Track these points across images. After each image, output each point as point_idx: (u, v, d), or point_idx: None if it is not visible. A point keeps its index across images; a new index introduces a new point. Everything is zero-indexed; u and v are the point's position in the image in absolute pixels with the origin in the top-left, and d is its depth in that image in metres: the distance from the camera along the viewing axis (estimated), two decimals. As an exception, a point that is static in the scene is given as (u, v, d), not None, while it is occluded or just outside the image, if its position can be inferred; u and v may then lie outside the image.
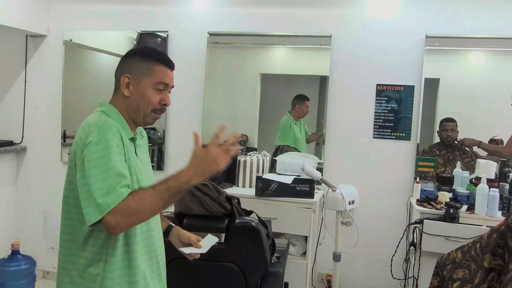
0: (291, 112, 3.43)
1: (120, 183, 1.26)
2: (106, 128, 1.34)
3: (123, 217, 1.24)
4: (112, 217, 1.22)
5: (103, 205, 1.22)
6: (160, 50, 1.54)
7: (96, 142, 1.30)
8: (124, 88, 1.46)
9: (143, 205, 1.25)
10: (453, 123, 3.12)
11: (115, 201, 1.23)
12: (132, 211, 1.24)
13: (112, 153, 1.30)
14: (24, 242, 3.64)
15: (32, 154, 3.77)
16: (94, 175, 1.26)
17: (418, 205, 2.81)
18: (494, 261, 1.81)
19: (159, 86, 1.46)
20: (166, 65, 1.49)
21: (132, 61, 1.47)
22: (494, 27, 2.99)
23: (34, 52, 3.70)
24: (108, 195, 1.23)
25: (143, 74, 1.45)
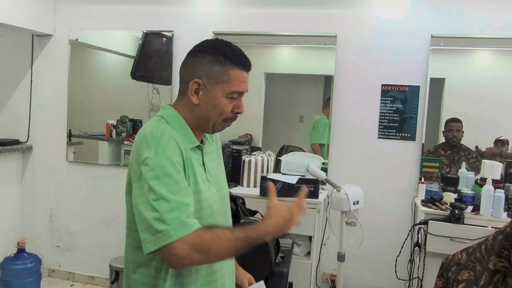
0: (324, 111, 3.40)
1: (185, 213, 1.13)
2: (164, 143, 1.19)
3: (194, 251, 1.11)
4: (182, 248, 1.10)
5: (165, 233, 1.10)
6: (234, 46, 1.30)
7: (153, 159, 1.16)
8: (193, 94, 1.26)
9: (218, 246, 1.13)
10: (458, 123, 3.11)
11: (185, 231, 1.11)
12: (207, 250, 1.12)
13: (175, 173, 1.16)
14: (30, 240, 3.67)
15: (38, 153, 3.79)
16: (156, 196, 1.13)
17: (423, 205, 2.80)
18: (500, 263, 1.80)
19: (233, 95, 1.27)
20: (243, 68, 1.27)
21: (203, 62, 1.25)
22: (499, 27, 2.97)
23: (40, 51, 3.72)
24: (175, 223, 1.10)
25: (216, 80, 1.24)
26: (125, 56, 3.59)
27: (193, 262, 1.17)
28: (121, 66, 3.62)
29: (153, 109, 3.55)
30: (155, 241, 1.11)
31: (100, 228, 3.69)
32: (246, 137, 3.50)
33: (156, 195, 1.13)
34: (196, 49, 1.30)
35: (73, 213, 3.74)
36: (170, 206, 1.12)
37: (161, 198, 1.13)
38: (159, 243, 1.11)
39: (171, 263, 1.14)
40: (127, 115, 3.62)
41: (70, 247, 3.77)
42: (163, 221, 1.11)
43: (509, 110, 3.04)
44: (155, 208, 1.12)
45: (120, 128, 3.62)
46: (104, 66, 3.74)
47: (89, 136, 3.71)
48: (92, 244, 3.72)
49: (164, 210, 1.12)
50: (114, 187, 3.64)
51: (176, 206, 1.13)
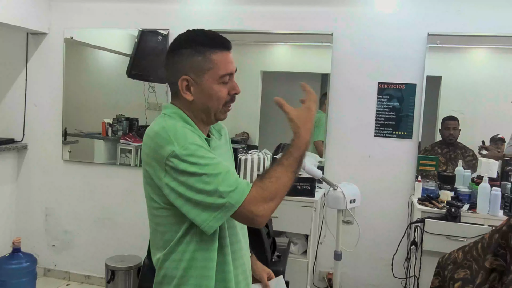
0: (321, 109, 3.39)
1: (232, 176, 1.16)
2: (181, 133, 1.19)
3: (264, 203, 1.14)
4: (255, 206, 1.13)
5: (229, 204, 1.13)
6: (207, 30, 1.28)
7: (180, 150, 1.15)
8: (185, 92, 1.26)
9: (282, 185, 1.17)
10: (455, 121, 3.11)
11: (247, 189, 1.14)
12: (275, 194, 1.16)
13: (206, 154, 1.17)
14: (25, 240, 3.65)
15: (33, 152, 3.77)
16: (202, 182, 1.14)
17: (420, 204, 2.80)
18: (496, 262, 1.79)
19: (224, 79, 1.25)
20: (223, 49, 1.26)
21: (183, 58, 1.25)
22: (496, 25, 2.97)
23: (35, 50, 3.70)
24: (239, 185, 1.14)
25: (202, 70, 1.24)
26: (121, 54, 3.57)
27: (271, 211, 1.18)
28: (117, 65, 3.60)
29: (149, 107, 3.53)
30: (220, 214, 1.14)
31: (96, 227, 3.68)
32: (243, 135, 3.49)
33: (200, 177, 1.14)
34: (173, 48, 1.29)
35: (68, 212, 3.73)
36: (218, 179, 1.14)
37: (207, 176, 1.14)
38: (227, 213, 1.13)
39: (255, 223, 1.16)
40: (123, 114, 3.60)
41: (65, 246, 3.76)
42: (220, 195, 1.13)
43: (506, 108, 3.04)
44: (205, 188, 1.13)
45: (116, 126, 3.60)
46: (99, 65, 3.72)
47: (84, 134, 3.69)
48: (88, 243, 3.70)
49: (215, 184, 1.13)
50: (110, 186, 3.62)
51: (224, 177, 1.14)
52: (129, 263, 3.29)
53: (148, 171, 1.23)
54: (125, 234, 3.61)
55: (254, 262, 1.58)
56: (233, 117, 1.38)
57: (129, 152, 3.57)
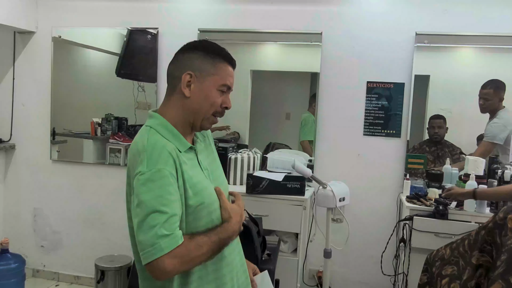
0: (309, 110, 3.40)
1: (174, 223, 1.17)
2: (155, 155, 1.20)
3: (181, 263, 1.16)
4: (170, 261, 1.13)
5: (157, 248, 1.13)
6: (221, 47, 1.37)
7: (145, 173, 1.18)
8: (185, 87, 1.29)
9: (201, 255, 1.20)
10: (440, 120, 3.14)
11: (171, 245, 1.14)
12: (192, 259, 1.18)
13: (166, 185, 1.18)
14: (14, 240, 3.61)
15: (21, 152, 3.73)
16: (146, 211, 1.15)
17: (408, 201, 2.83)
18: (482, 258, 1.82)
19: (223, 88, 1.32)
20: (230, 64, 1.35)
21: (194, 57, 1.31)
22: (483, 24, 3.00)
23: (22, 49, 3.66)
24: (162, 237, 1.13)
25: (208, 72, 1.30)
26: (110, 53, 3.55)
27: (178, 273, 1.21)
28: (105, 64, 3.58)
29: (139, 107, 3.52)
30: (146, 255, 1.14)
31: (85, 227, 3.66)
32: (233, 135, 3.49)
33: (146, 210, 1.16)
34: (185, 47, 1.35)
35: (57, 213, 3.70)
36: (159, 220, 1.15)
37: (151, 212, 1.15)
38: (150, 257, 1.13)
39: (156, 276, 1.16)
40: (112, 113, 3.58)
41: (54, 247, 3.73)
42: (149, 237, 1.14)
43: (492, 107, 3.07)
44: (146, 223, 1.15)
45: (105, 126, 3.58)
46: (88, 64, 3.70)
47: (73, 134, 3.67)
48: (77, 243, 3.68)
49: (153, 224, 1.14)
50: (100, 185, 3.61)
51: (166, 219, 1.15)
52: (118, 263, 3.28)
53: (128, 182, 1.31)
54: (115, 234, 3.60)
55: None
56: (223, 117, 1.40)
57: (118, 151, 3.56)
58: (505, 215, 1.78)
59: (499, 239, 1.77)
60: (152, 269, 1.14)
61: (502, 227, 1.77)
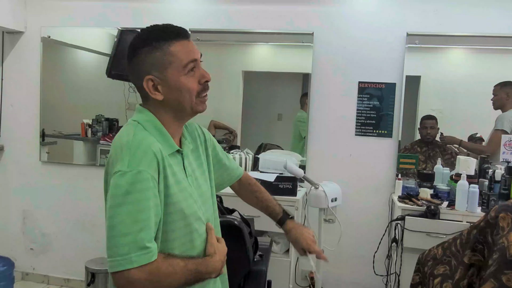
0: (303, 108, 3.39)
1: (149, 235, 1.08)
2: (139, 154, 1.11)
3: (149, 281, 1.07)
4: (138, 274, 1.05)
5: (127, 258, 1.05)
6: (159, 24, 1.22)
7: (125, 173, 1.08)
8: (154, 92, 1.19)
9: (172, 277, 1.11)
10: (432, 120, 3.16)
11: (143, 261, 1.05)
12: (160, 278, 1.08)
13: (145, 190, 1.08)
14: (2, 243, 3.57)
15: (10, 153, 3.69)
16: (121, 215, 1.06)
17: (400, 201, 2.83)
18: (474, 257, 1.82)
19: (188, 67, 1.18)
20: (180, 38, 1.18)
21: (142, 58, 1.18)
22: (474, 25, 3.02)
23: (11, 49, 3.62)
24: (134, 248, 1.05)
25: (164, 65, 1.17)
26: (100, 54, 3.52)
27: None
28: (96, 64, 3.55)
29: (130, 107, 3.49)
30: (114, 263, 1.06)
31: (75, 229, 3.62)
32: (231, 133, 3.46)
33: (120, 215, 1.07)
34: (130, 51, 1.22)
35: (47, 215, 3.65)
36: (133, 229, 1.06)
37: (126, 218, 1.07)
38: (117, 266, 1.05)
39: (118, 284, 1.07)
40: (103, 114, 3.55)
41: (44, 250, 3.68)
42: (117, 245, 1.06)
43: (483, 107, 3.10)
44: (118, 230, 1.06)
45: (95, 127, 3.55)
46: (78, 64, 3.66)
47: (63, 135, 3.63)
48: (67, 246, 3.64)
49: (125, 232, 1.06)
50: (90, 187, 3.57)
51: (140, 228, 1.07)
52: (109, 265, 3.24)
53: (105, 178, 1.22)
54: (105, 236, 3.55)
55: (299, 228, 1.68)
56: (214, 117, 1.38)
57: (109, 153, 3.52)
58: (496, 214, 1.78)
59: (491, 238, 1.77)
60: (117, 279, 1.06)
61: (493, 226, 1.77)
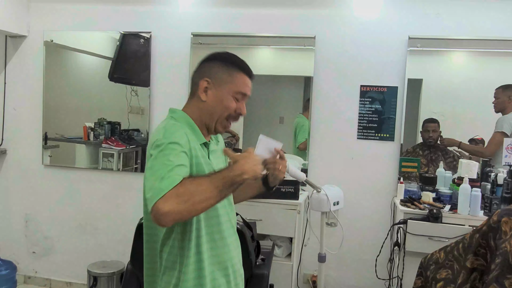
0: (304, 113, 3.39)
1: (177, 172, 1.21)
2: (173, 130, 1.33)
3: (177, 202, 1.15)
4: (164, 203, 1.14)
5: (157, 189, 1.17)
6: (240, 58, 1.50)
7: (160, 139, 1.28)
8: (202, 92, 1.42)
9: (200, 192, 1.18)
10: (434, 123, 3.15)
11: (169, 186, 1.16)
12: (189, 196, 1.16)
13: (176, 149, 1.27)
14: (4, 246, 3.57)
15: (13, 156, 3.70)
16: (156, 166, 1.23)
17: (402, 205, 2.83)
18: (477, 261, 1.82)
19: (238, 96, 1.44)
20: (247, 74, 1.47)
21: (213, 66, 1.44)
22: (475, 28, 3.02)
23: (14, 53, 3.64)
24: (163, 181, 1.18)
25: (224, 80, 1.43)
26: (103, 57, 3.53)
27: (181, 213, 1.17)
28: (98, 68, 3.56)
29: (132, 111, 3.50)
30: (150, 200, 1.17)
31: (77, 232, 3.62)
32: (234, 137, 3.47)
33: (155, 165, 1.23)
34: (207, 57, 1.48)
35: (49, 218, 3.66)
36: (164, 171, 1.20)
37: (160, 166, 1.22)
38: (153, 200, 1.16)
39: (159, 222, 1.16)
40: (105, 118, 3.56)
41: (46, 253, 3.69)
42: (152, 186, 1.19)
43: (485, 110, 3.09)
44: (154, 175, 1.21)
45: (98, 130, 3.56)
46: (80, 68, 3.67)
47: (66, 139, 3.64)
48: (69, 249, 3.64)
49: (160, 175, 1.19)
50: (92, 190, 3.58)
51: (171, 169, 1.21)
52: (111, 268, 3.25)
53: None
54: (107, 239, 3.57)
55: None
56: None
57: (111, 156, 3.53)
58: (499, 218, 1.78)
59: (493, 243, 1.77)
60: (155, 215, 1.15)
61: (496, 231, 1.77)
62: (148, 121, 3.46)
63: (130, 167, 3.57)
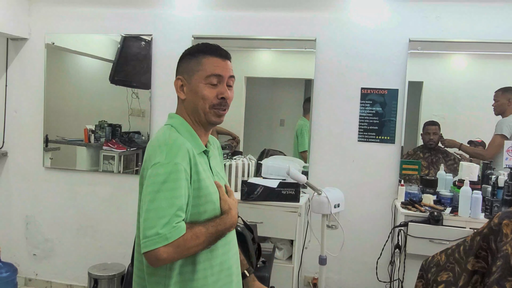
0: (305, 116, 3.38)
1: (180, 216, 1.23)
2: (175, 149, 1.28)
3: (177, 253, 1.21)
4: (166, 250, 1.18)
5: (162, 236, 1.18)
6: (211, 43, 1.42)
7: (163, 164, 1.24)
8: (179, 91, 1.40)
9: (197, 245, 1.26)
10: (435, 126, 3.15)
11: (175, 235, 1.19)
12: (188, 248, 1.23)
13: (179, 180, 1.24)
14: (5, 249, 3.57)
15: (14, 159, 3.70)
16: (159, 200, 1.21)
17: (403, 207, 2.83)
18: (478, 264, 1.82)
19: (211, 80, 1.36)
20: (215, 55, 1.38)
21: (183, 62, 1.42)
22: (476, 31, 3.03)
23: (15, 55, 3.64)
24: (168, 227, 1.19)
25: (193, 70, 1.37)
26: (104, 60, 3.53)
27: (173, 260, 1.25)
28: (99, 70, 3.57)
29: (133, 113, 3.50)
30: (149, 242, 1.18)
31: (78, 235, 3.62)
32: (234, 139, 3.47)
33: (158, 200, 1.21)
34: (180, 57, 1.45)
35: (50, 220, 3.66)
36: (169, 212, 1.20)
37: (163, 202, 1.21)
38: (149, 246, 1.18)
39: (151, 263, 1.22)
40: (106, 120, 3.56)
41: (47, 255, 3.69)
42: (154, 226, 1.19)
43: (485, 113, 3.10)
44: (157, 212, 1.20)
45: (98, 133, 3.56)
46: (81, 70, 3.68)
47: (66, 141, 3.64)
48: (70, 251, 3.64)
49: (163, 215, 1.20)
50: (93, 193, 3.58)
51: (175, 211, 1.21)
52: (112, 271, 3.25)
53: (141, 180, 1.36)
54: (108, 241, 3.57)
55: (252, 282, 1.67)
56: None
57: (112, 158, 3.54)
58: (500, 220, 1.78)
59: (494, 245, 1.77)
60: (149, 257, 1.20)
61: (497, 233, 1.76)
62: (149, 123, 3.46)
63: (131, 169, 3.58)
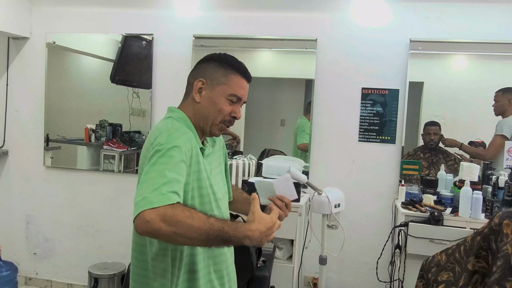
0: (306, 115, 3.39)
1: (172, 188, 1.14)
2: (178, 134, 1.27)
3: (163, 221, 1.08)
4: (150, 214, 1.08)
5: (147, 200, 1.10)
6: (239, 60, 1.44)
7: (162, 144, 1.22)
8: (196, 93, 1.38)
9: (188, 225, 1.09)
10: (436, 126, 3.15)
11: (161, 202, 1.10)
12: (175, 222, 1.08)
13: (176, 157, 1.21)
14: (6, 248, 3.57)
15: (14, 158, 3.70)
16: (152, 172, 1.17)
17: (403, 207, 2.83)
18: (478, 264, 1.82)
19: (232, 98, 1.38)
20: (243, 77, 1.41)
21: (209, 66, 1.40)
22: (476, 32, 3.03)
23: (16, 54, 3.65)
24: (155, 193, 1.11)
25: (218, 81, 1.38)
26: (104, 59, 3.54)
27: (160, 234, 1.10)
28: (100, 70, 3.57)
29: (133, 113, 3.50)
30: (136, 208, 1.12)
31: (78, 234, 3.62)
32: (235, 139, 3.47)
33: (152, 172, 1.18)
34: (204, 58, 1.44)
35: (50, 220, 3.66)
36: (159, 181, 1.15)
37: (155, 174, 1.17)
38: (135, 212, 1.12)
39: (137, 228, 1.12)
40: (107, 119, 3.57)
41: (47, 254, 3.69)
42: (143, 193, 1.14)
43: (485, 113, 3.10)
44: (148, 182, 1.16)
45: (99, 132, 3.56)
46: (82, 70, 3.68)
47: (67, 140, 3.65)
48: (70, 251, 3.64)
49: (154, 183, 1.14)
50: (93, 192, 3.58)
51: (166, 181, 1.15)
52: (112, 270, 3.25)
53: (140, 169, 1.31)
54: (108, 241, 3.57)
55: None
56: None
57: (112, 158, 3.54)
58: (500, 220, 1.78)
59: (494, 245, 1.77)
60: (136, 221, 1.11)
61: (497, 233, 1.77)
62: (150, 123, 3.46)
63: (131, 169, 3.58)
